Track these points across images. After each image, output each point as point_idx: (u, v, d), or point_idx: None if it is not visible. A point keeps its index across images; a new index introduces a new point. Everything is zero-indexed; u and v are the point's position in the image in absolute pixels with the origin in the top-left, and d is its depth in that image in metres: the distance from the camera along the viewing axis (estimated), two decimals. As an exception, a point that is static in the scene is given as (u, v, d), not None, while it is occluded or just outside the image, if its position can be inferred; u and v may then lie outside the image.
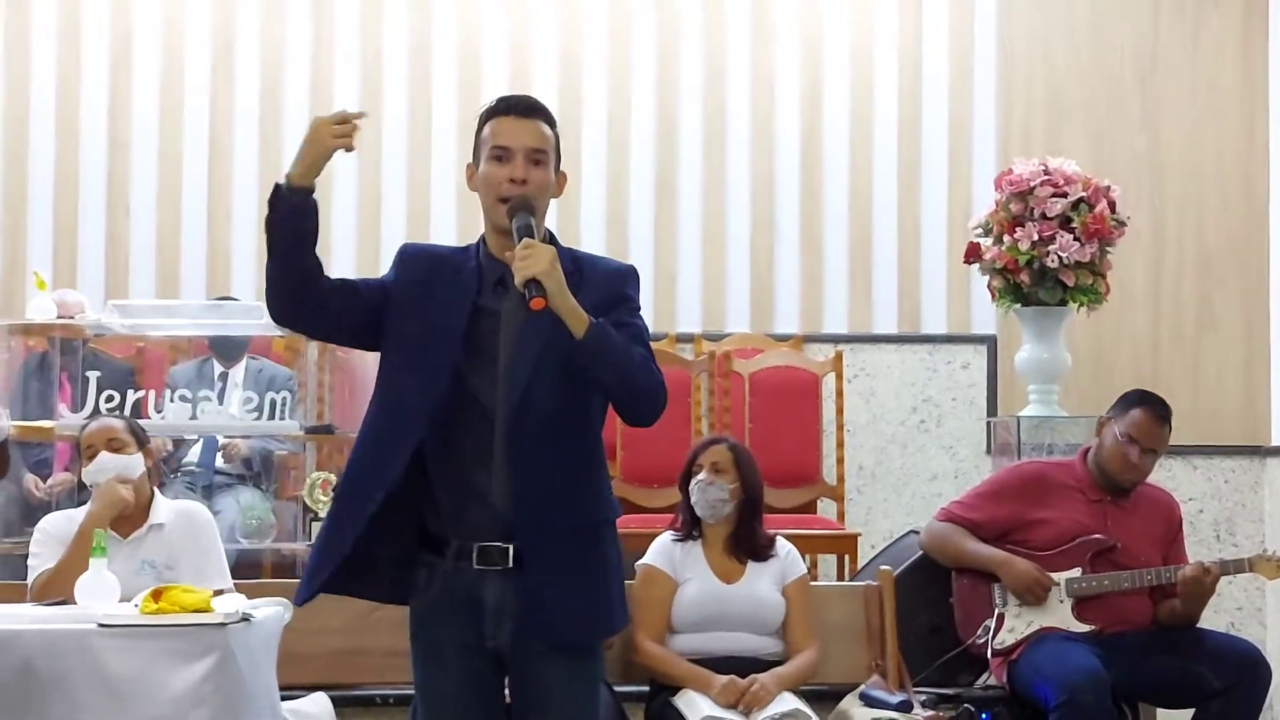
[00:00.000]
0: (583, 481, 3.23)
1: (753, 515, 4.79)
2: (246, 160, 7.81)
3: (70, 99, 7.80)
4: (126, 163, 7.80)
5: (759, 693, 4.48)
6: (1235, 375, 7.85)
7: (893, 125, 7.93)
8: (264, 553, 5.90)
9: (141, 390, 5.91)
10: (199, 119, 7.83)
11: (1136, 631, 5.05)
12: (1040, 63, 7.95)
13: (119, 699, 3.25)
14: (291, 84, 7.85)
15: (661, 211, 7.89)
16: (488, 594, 3.15)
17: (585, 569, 3.20)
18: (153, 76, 7.82)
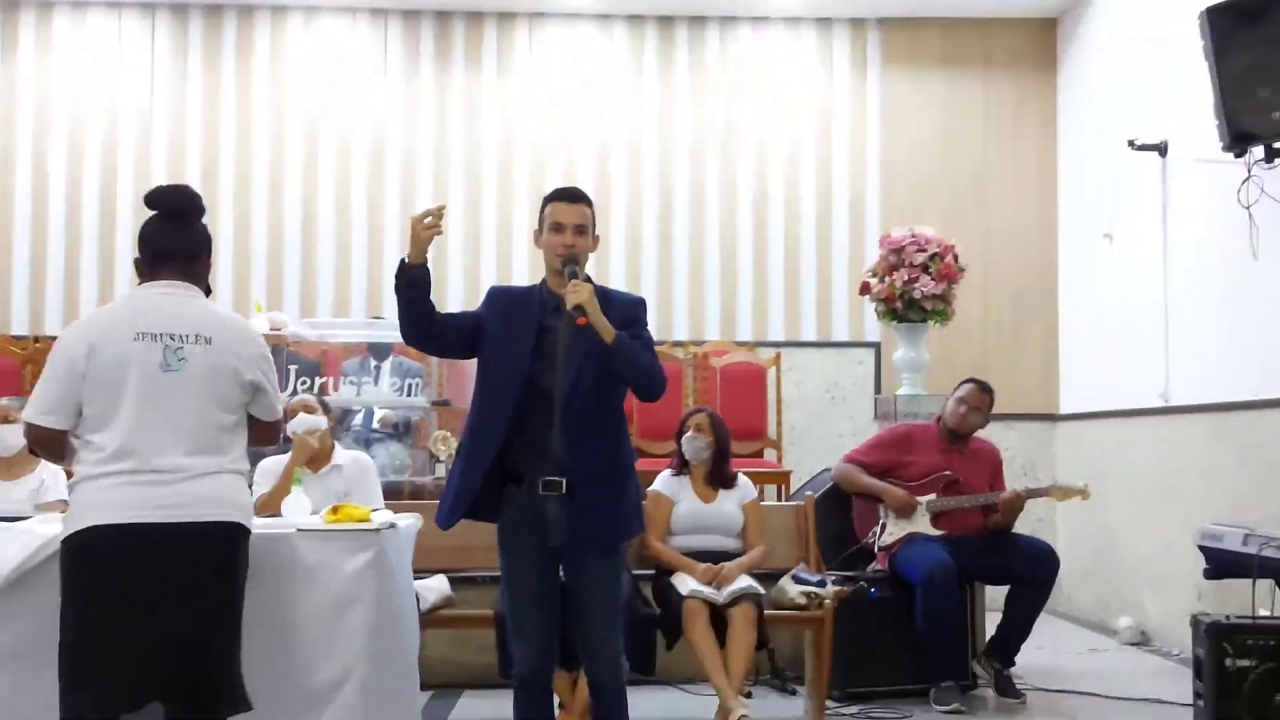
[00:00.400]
0: (610, 438, 3.23)
1: (722, 459, 4.77)
2: (393, 227, 7.82)
3: (277, 189, 7.79)
4: (315, 223, 7.81)
5: (726, 574, 4.49)
6: (1035, 369, 7.87)
7: (813, 202, 7.94)
8: (404, 483, 5.89)
9: (325, 377, 5.93)
10: (360, 194, 7.83)
11: (972, 535, 5.06)
12: (909, 165, 7.95)
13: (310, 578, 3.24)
14: (422, 172, 7.85)
15: (662, 259, 7.89)
16: (549, 511, 3.15)
17: (613, 495, 3.20)
18: (330, 163, 7.82)
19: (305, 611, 3.21)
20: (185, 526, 2.73)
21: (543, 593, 3.22)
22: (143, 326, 2.80)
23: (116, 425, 2.75)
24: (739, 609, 4.36)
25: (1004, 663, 5.01)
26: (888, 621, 4.95)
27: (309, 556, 3.26)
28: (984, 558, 5.01)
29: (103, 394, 2.76)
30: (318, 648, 3.21)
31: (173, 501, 2.72)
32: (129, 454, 2.74)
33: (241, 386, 2.88)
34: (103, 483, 2.73)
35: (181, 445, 2.77)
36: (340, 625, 3.24)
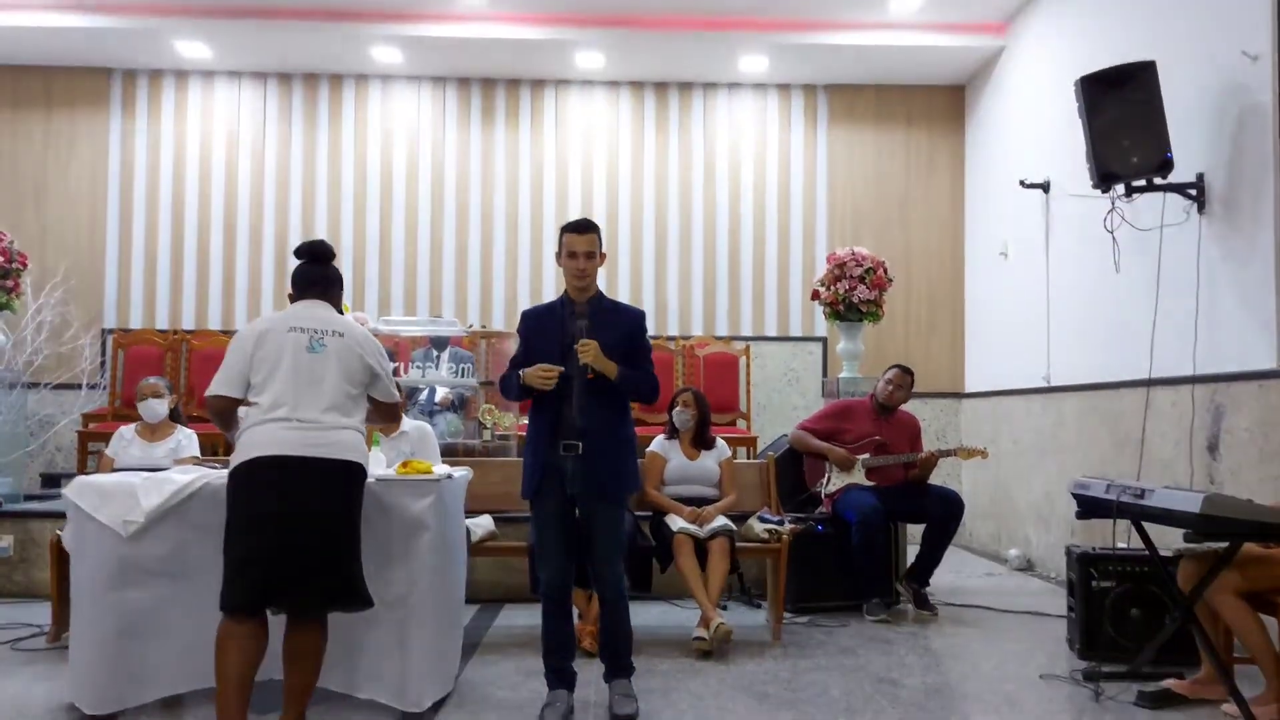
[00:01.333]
0: (616, 417, 3.22)
1: (704, 427, 4.77)
2: (449, 244, 7.78)
3: (360, 205, 7.76)
4: (390, 241, 7.77)
5: (707, 515, 4.49)
6: (946, 357, 7.83)
7: (775, 227, 7.89)
8: (459, 445, 5.89)
9: (397, 363, 5.92)
10: (425, 218, 7.80)
11: (896, 486, 5.05)
12: (849, 197, 7.91)
13: (385, 515, 3.26)
14: (473, 202, 7.84)
15: (658, 272, 7.84)
16: (568, 467, 3.16)
17: (618, 459, 3.20)
18: (401, 191, 7.79)
19: (382, 540, 3.23)
20: (325, 462, 2.85)
21: (563, 529, 3.22)
22: (295, 323, 2.99)
23: (273, 388, 2.90)
24: (716, 542, 4.38)
25: (920, 583, 5.02)
26: (830, 552, 4.97)
27: (384, 498, 3.28)
28: (906, 503, 5.02)
29: (265, 367, 2.92)
30: (392, 566, 3.23)
31: (316, 442, 2.84)
32: (281, 406, 2.87)
33: (364, 369, 3.01)
34: (264, 429, 2.86)
35: (321, 404, 2.90)
36: (408, 550, 3.26)
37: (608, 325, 3.17)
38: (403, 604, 3.22)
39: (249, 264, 7.71)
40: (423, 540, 3.26)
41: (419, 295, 7.79)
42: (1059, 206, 6.16)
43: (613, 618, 3.27)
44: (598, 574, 3.24)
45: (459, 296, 7.82)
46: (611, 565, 3.21)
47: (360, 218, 7.81)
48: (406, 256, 7.82)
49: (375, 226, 7.81)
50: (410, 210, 7.84)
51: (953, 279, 7.88)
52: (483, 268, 7.86)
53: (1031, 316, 6.50)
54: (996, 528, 7.04)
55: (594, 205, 7.83)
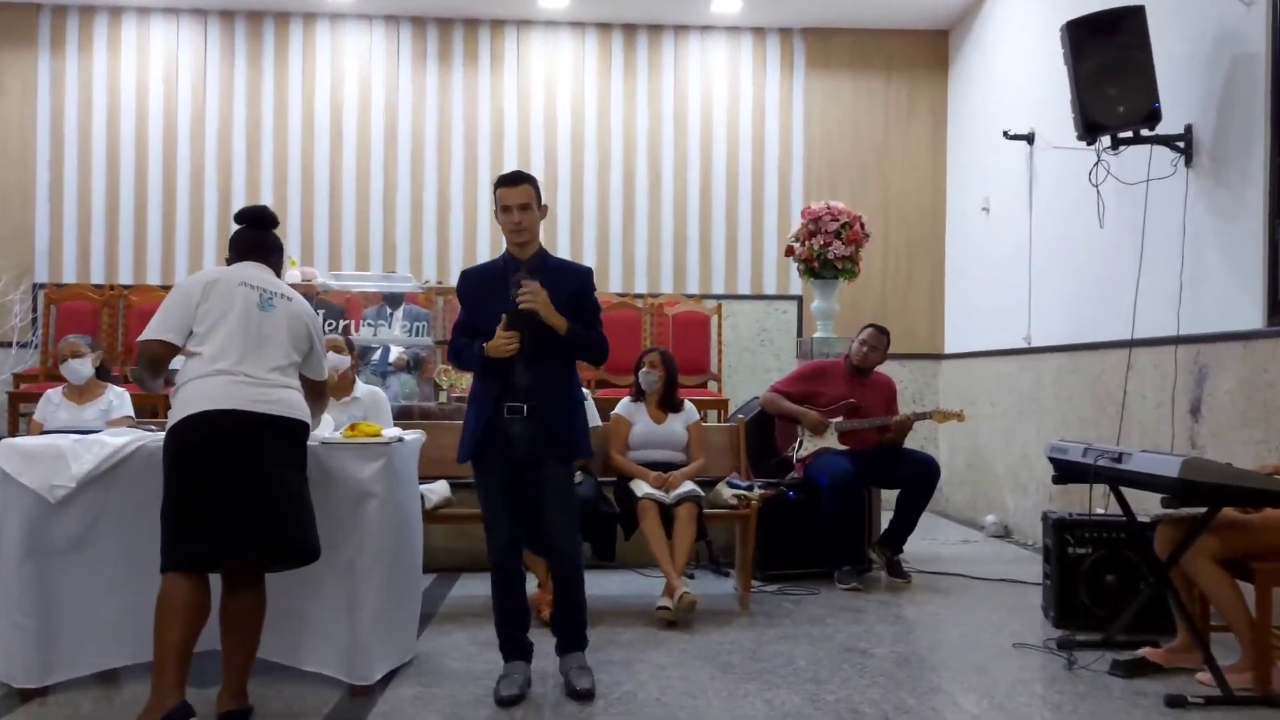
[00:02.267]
0: (563, 377, 3.21)
1: (671, 389, 4.76)
2: (404, 190, 7.69)
3: (309, 155, 7.65)
4: (340, 191, 7.66)
5: (673, 481, 4.50)
6: (925, 316, 7.88)
7: (749, 180, 7.86)
8: (414, 407, 5.85)
9: (349, 320, 5.84)
10: (379, 166, 7.69)
11: (870, 450, 5.08)
12: (826, 148, 7.88)
13: (332, 480, 3.23)
14: (427, 151, 7.72)
15: (625, 226, 7.80)
16: (514, 429, 3.15)
17: (564, 420, 3.18)
18: (351, 139, 7.67)
19: (329, 506, 3.21)
20: (271, 418, 2.87)
21: (509, 494, 3.20)
22: (245, 279, 3.00)
23: (217, 339, 2.89)
24: (683, 508, 4.38)
25: (894, 550, 5.06)
26: (802, 518, 4.99)
27: (332, 463, 3.26)
28: (880, 468, 5.04)
29: (211, 318, 2.91)
30: (337, 535, 3.21)
31: (262, 399, 2.86)
32: (225, 359, 2.87)
33: (306, 338, 3.04)
34: (210, 381, 2.85)
35: (267, 363, 2.92)
36: (355, 517, 3.24)
37: (552, 284, 3.15)
38: (349, 572, 3.20)
39: (190, 214, 7.54)
40: (370, 507, 3.23)
41: (371, 249, 7.69)
42: (1043, 159, 6.16)
43: (567, 590, 3.27)
44: (550, 543, 3.24)
45: (414, 250, 7.72)
46: (564, 533, 3.21)
47: (308, 166, 7.66)
48: (358, 208, 7.70)
49: (324, 175, 7.67)
50: (362, 158, 7.70)
51: (932, 235, 7.89)
52: (439, 220, 7.76)
53: (1013, 274, 6.52)
54: (973, 493, 7.12)
55: (557, 154, 7.75)
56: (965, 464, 7.27)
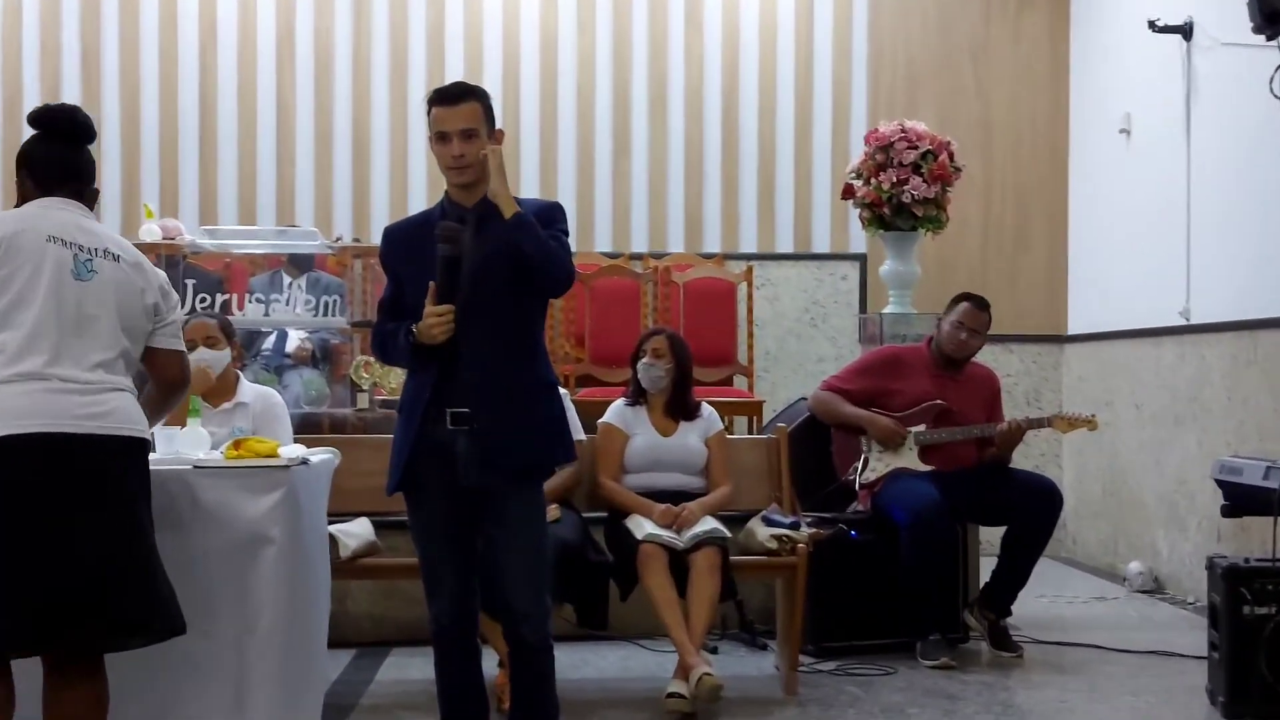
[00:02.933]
0: (519, 354, 3.21)
1: (684, 387, 4.76)
2: (305, 118, 7.71)
3: (170, 74, 7.68)
4: (214, 121, 7.70)
5: (688, 516, 4.49)
6: (1042, 282, 7.90)
7: (790, 94, 7.87)
8: (321, 416, 5.86)
9: (228, 294, 5.83)
10: (268, 88, 7.72)
11: (964, 470, 5.08)
12: (900, 46, 7.90)
13: (209, 520, 3.24)
14: (339, 61, 7.72)
15: (618, 160, 7.83)
16: (459, 446, 3.15)
17: (520, 416, 3.17)
18: (231, 56, 7.69)
19: (203, 558, 3.21)
20: (105, 440, 2.83)
21: (454, 536, 3.22)
22: (54, 232, 2.90)
23: (23, 323, 2.83)
24: (701, 554, 4.37)
25: (999, 613, 5.06)
26: (869, 567, 4.99)
27: (208, 496, 3.26)
28: (978, 495, 5.04)
29: (12, 290, 2.84)
30: (217, 599, 3.22)
31: (88, 411, 2.82)
32: (34, 355, 2.81)
33: (145, 312, 2.99)
34: (11, 390, 2.79)
35: (89, 357, 2.87)
36: (243, 572, 3.25)
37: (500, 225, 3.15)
38: (234, 650, 3.22)
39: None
40: (265, 557, 3.25)
41: (260, 195, 7.70)
42: (1206, 61, 6.16)
43: (529, 671, 3.28)
44: (504, 604, 3.24)
45: (319, 197, 7.71)
46: (524, 590, 3.20)
47: (169, 79, 7.68)
48: (241, 138, 7.70)
49: (192, 92, 7.68)
50: (245, 69, 7.71)
51: (1051, 169, 7.90)
52: (355, 155, 7.75)
53: (1164, 223, 6.53)
54: (1110, 531, 7.13)
55: (521, 65, 7.77)
56: (1099, 491, 7.28)
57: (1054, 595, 6.24)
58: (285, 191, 7.70)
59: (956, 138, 6.15)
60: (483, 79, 7.63)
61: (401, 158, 7.72)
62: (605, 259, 7.42)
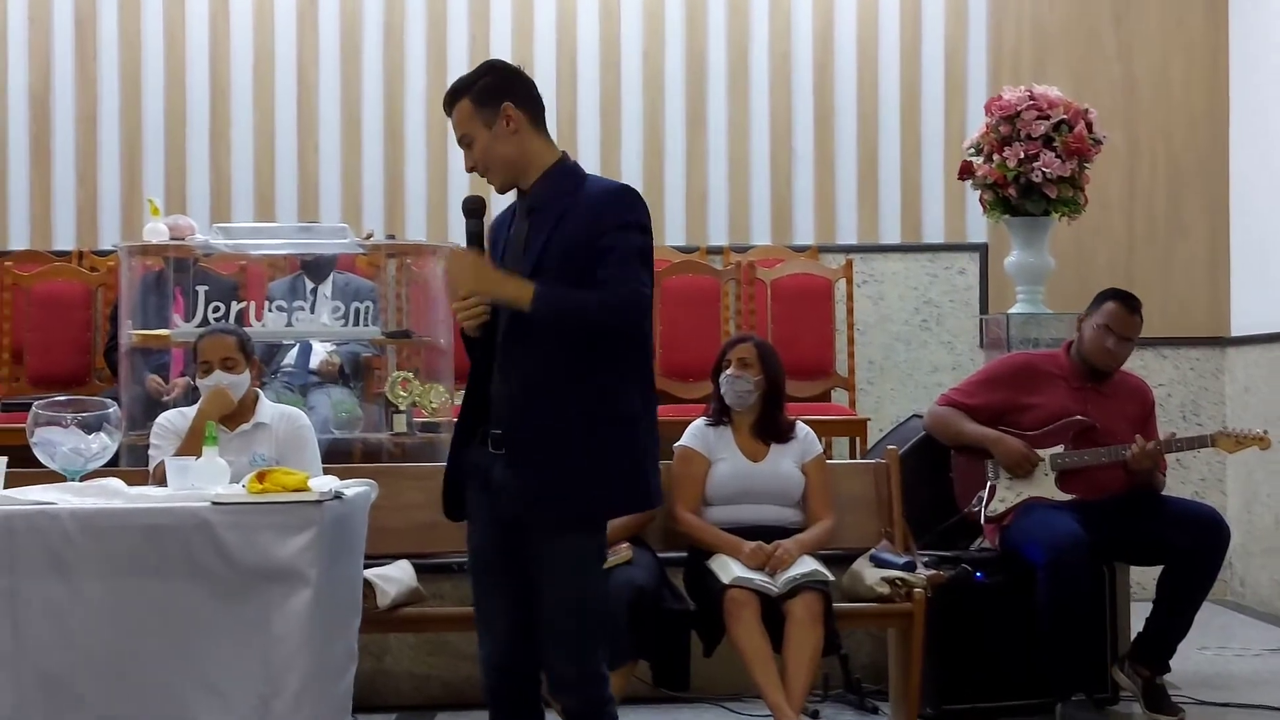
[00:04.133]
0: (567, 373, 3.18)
1: (775, 403, 4.79)
2: (330, 102, 7.80)
3: (176, 52, 7.79)
4: (227, 105, 7.79)
5: (783, 556, 4.51)
6: (1200, 275, 7.80)
7: (895, 58, 7.86)
8: (353, 441, 5.92)
9: (244, 302, 5.89)
10: (287, 66, 7.81)
11: (1111, 499, 5.03)
12: (1026, 5, 7.83)
13: (232, 566, 3.28)
14: (369, 36, 7.81)
15: (692, 139, 7.84)
16: (496, 474, 3.22)
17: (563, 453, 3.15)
18: (246, 30, 7.80)
19: (222, 609, 3.26)
20: None
21: (501, 568, 3.26)
22: None
23: None
24: (800, 601, 4.39)
25: (1155, 668, 5.01)
26: (999, 616, 4.97)
27: (229, 536, 3.30)
28: (1128, 529, 5.00)
29: None
30: (238, 654, 3.26)
31: None
32: None
33: None
34: None
35: None
36: (269, 624, 3.28)
37: (549, 218, 3.19)
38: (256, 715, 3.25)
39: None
40: (296, 605, 3.28)
41: (279, 188, 7.79)
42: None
43: None
44: (546, 664, 3.25)
45: (347, 189, 7.80)
46: (561, 645, 3.19)
47: (176, 56, 7.79)
48: (256, 125, 7.80)
49: (202, 71, 7.79)
50: (263, 43, 7.81)
51: (1210, 141, 7.82)
52: (387, 141, 7.83)
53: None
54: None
55: (578, 29, 7.81)
56: (1272, 522, 7.18)
57: (1219, 647, 6.17)
58: (308, 183, 7.77)
59: (1095, 105, 6.10)
60: (533, 45, 7.72)
61: (440, 143, 7.74)
62: (678, 254, 7.44)
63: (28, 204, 7.68)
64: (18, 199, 7.70)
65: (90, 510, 3.37)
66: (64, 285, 6.99)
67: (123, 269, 6.10)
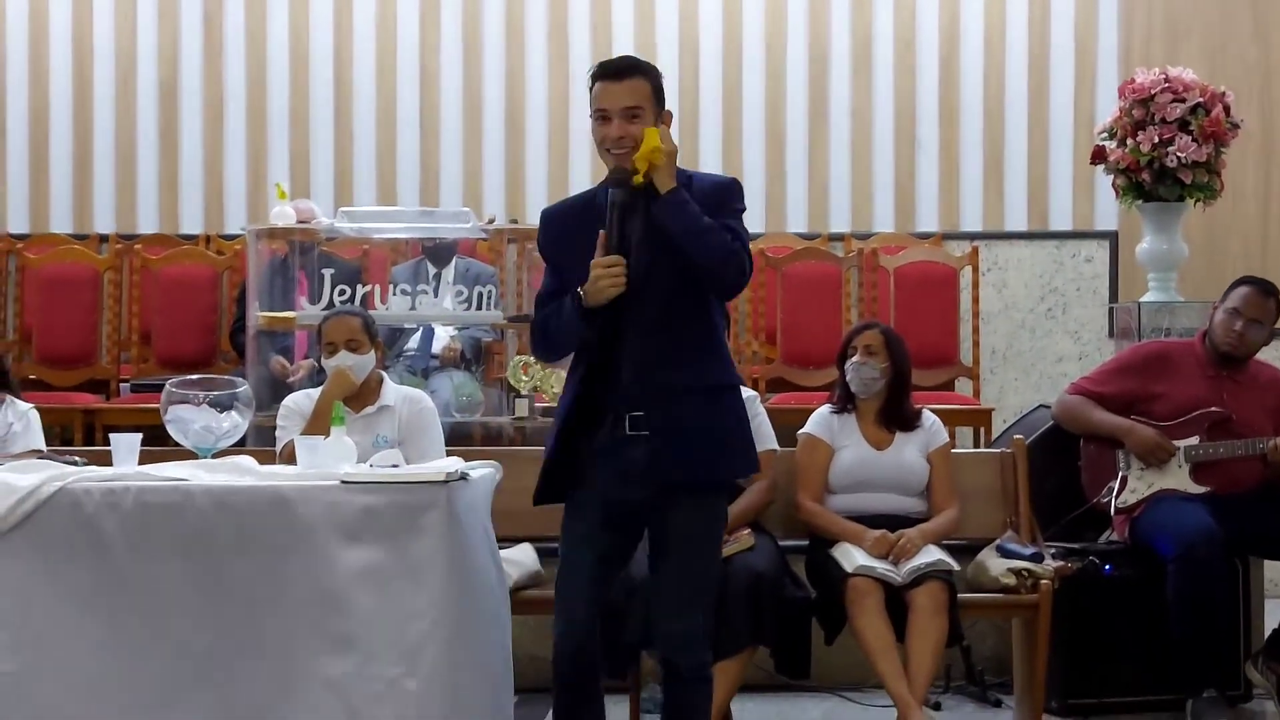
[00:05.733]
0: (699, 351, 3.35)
1: (901, 391, 4.77)
2: (451, 88, 7.89)
3: (301, 42, 7.92)
4: (350, 92, 7.92)
5: (907, 545, 4.49)
6: (1341, 264, 7.67)
7: (1023, 41, 7.83)
8: (473, 425, 5.98)
9: (368, 285, 5.98)
10: (410, 54, 7.91)
11: (1247, 493, 4.95)
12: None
13: (360, 544, 3.33)
14: (490, 24, 7.88)
15: (814, 126, 7.85)
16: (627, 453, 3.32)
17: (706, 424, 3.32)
18: (369, 17, 7.91)
19: (352, 586, 3.32)
20: None
21: (594, 555, 3.37)
22: None
23: None
24: (924, 591, 4.38)
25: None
26: (1127, 609, 4.93)
27: (358, 515, 3.36)
28: (1263, 523, 4.92)
29: None
30: (371, 633, 3.31)
31: None
32: None
33: None
34: None
35: None
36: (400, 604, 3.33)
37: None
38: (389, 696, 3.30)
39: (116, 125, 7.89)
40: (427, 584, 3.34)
41: (401, 173, 7.89)
42: None
43: (680, 711, 3.38)
44: (660, 629, 3.39)
45: (468, 174, 7.88)
46: (685, 614, 3.34)
47: (300, 41, 7.92)
48: (379, 111, 7.91)
49: (326, 55, 7.91)
50: (385, 30, 7.90)
51: (1348, 126, 7.65)
52: (508, 129, 7.90)
53: None
54: None
55: (700, 15, 7.85)
56: None
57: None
58: (429, 169, 7.87)
59: (1232, 88, 6.03)
60: (655, 33, 7.75)
61: (562, 130, 7.83)
62: (800, 240, 7.45)
63: (156, 190, 7.88)
64: (146, 185, 7.89)
65: (223, 487, 3.44)
66: (191, 269, 7.14)
67: (250, 252, 6.23)
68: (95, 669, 3.33)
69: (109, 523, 3.37)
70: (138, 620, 3.37)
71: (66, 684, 3.39)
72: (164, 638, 3.37)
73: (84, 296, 7.00)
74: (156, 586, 3.37)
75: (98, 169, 7.89)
